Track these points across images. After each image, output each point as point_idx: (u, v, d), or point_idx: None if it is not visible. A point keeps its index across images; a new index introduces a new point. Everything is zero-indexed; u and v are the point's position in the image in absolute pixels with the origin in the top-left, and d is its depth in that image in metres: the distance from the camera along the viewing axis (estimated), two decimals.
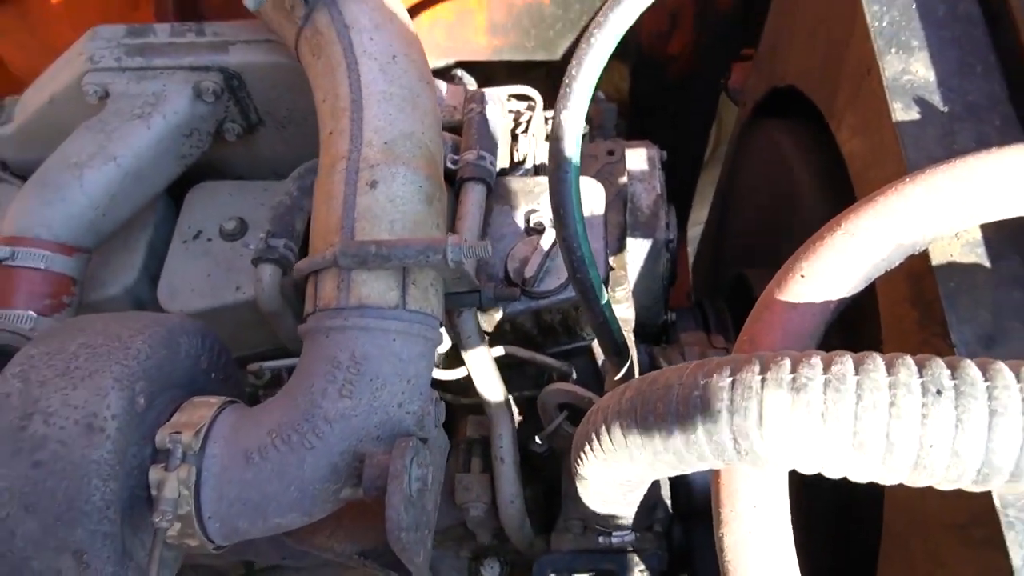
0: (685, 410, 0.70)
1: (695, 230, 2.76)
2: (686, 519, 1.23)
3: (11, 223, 1.05)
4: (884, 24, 1.08)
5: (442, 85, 1.27)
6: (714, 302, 1.69)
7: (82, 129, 1.13)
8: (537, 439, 1.17)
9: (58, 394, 0.75)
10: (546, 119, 1.50)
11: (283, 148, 1.29)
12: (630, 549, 1.16)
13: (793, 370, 0.66)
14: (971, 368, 0.62)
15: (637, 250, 1.46)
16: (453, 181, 1.17)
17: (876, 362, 0.65)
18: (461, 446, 1.20)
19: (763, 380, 0.67)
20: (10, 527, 0.72)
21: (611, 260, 1.41)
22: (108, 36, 1.18)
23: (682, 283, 2.45)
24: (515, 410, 1.15)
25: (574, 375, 1.18)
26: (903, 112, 1.01)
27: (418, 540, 0.82)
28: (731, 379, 0.69)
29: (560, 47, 2.11)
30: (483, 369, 1.07)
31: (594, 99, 1.92)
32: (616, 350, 0.98)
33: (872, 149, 1.08)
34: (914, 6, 1.09)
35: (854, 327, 1.08)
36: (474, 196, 1.11)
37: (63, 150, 1.11)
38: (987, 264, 0.90)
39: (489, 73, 2.16)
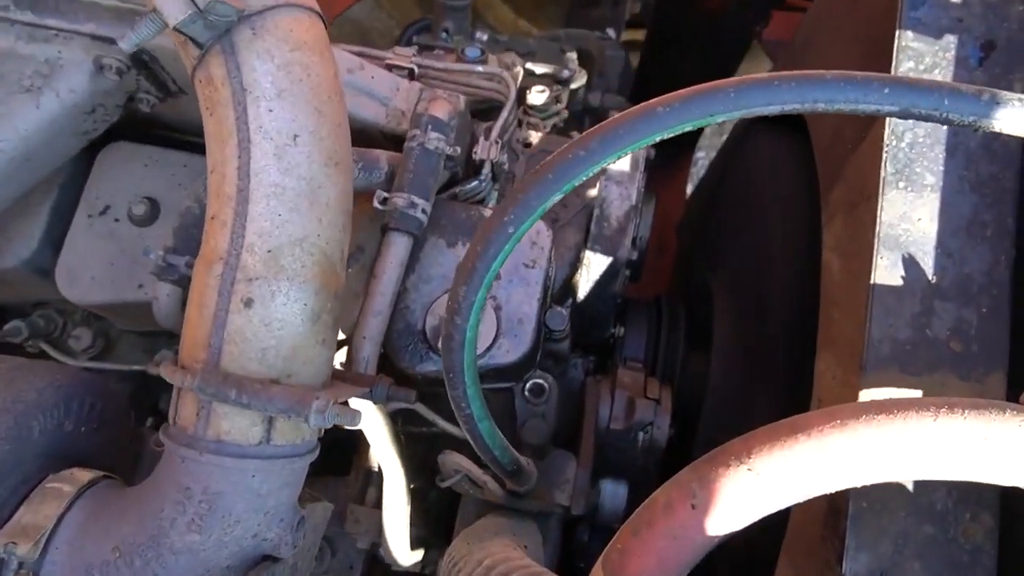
0: None
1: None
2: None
3: None
4: (903, 144, 0.91)
5: (390, 81, 1.09)
6: (673, 304, 1.60)
7: None
8: (437, 481, 1.15)
9: None
10: (520, 120, 1.33)
11: None
12: None
13: None
14: None
15: (594, 266, 1.35)
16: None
17: None
18: (360, 472, 1.19)
19: None
20: None
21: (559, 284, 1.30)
22: None
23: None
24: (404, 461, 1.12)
25: None
26: (886, 271, 0.87)
27: None
28: None
29: None
30: (377, 437, 1.02)
31: (603, 39, 1.69)
32: (507, 474, 0.93)
33: (845, 287, 0.95)
34: (946, 128, 0.91)
35: None
36: (395, 251, 0.99)
37: None
38: (910, 487, 0.82)
39: None
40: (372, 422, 0.99)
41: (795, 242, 1.30)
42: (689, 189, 2.64)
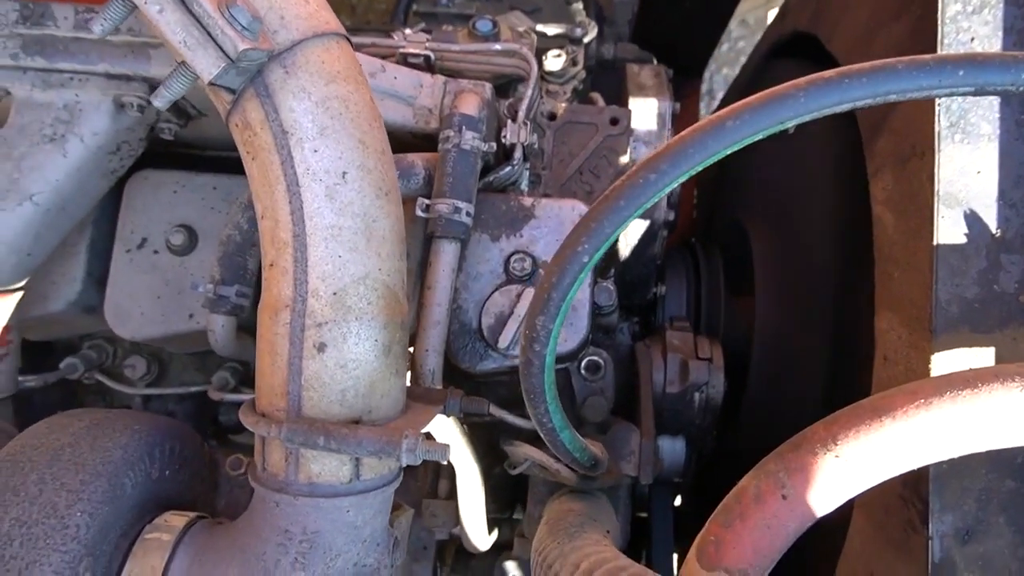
0: None
1: None
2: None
3: None
4: None
5: (413, 79, 1.05)
6: (707, 247, 1.59)
7: None
8: (507, 467, 1.17)
9: None
10: (543, 89, 1.28)
11: None
12: None
13: None
14: None
15: (632, 232, 1.34)
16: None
17: None
18: (430, 466, 1.21)
19: None
20: None
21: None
22: None
23: None
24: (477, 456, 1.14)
25: None
26: (948, 230, 0.86)
27: None
28: None
29: None
30: (452, 440, 1.04)
31: None
32: (584, 469, 0.95)
33: (902, 245, 0.94)
34: None
35: None
36: (446, 259, 0.99)
37: None
38: None
39: None
40: (445, 430, 1.01)
41: (836, 185, 1.28)
42: (703, 110, 2.59)
